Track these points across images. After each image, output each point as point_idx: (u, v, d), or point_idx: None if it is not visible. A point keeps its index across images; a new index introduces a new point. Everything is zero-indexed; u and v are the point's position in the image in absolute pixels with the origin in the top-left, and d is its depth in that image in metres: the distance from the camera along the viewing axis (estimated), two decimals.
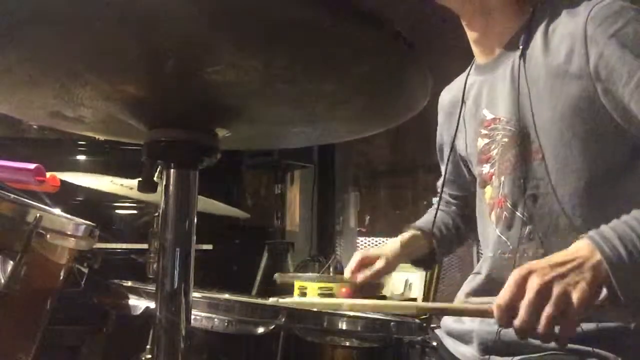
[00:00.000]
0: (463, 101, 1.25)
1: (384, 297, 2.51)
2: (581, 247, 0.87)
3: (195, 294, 0.97)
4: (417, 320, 1.05)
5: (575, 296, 0.82)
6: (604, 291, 0.86)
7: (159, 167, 0.70)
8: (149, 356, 0.93)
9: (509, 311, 0.84)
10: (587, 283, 0.83)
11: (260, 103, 0.66)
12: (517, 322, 0.83)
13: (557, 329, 0.84)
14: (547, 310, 0.81)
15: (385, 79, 0.61)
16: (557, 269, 0.84)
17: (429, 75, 0.63)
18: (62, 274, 1.20)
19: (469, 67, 1.28)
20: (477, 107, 1.21)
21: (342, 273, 2.87)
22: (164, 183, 0.67)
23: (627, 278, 0.84)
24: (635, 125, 0.97)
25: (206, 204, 1.49)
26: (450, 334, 1.19)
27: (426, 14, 1.22)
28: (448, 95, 1.36)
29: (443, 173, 1.38)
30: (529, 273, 0.84)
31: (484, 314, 0.90)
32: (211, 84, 0.58)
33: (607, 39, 0.96)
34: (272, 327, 0.89)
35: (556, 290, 0.82)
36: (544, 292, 0.82)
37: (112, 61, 0.56)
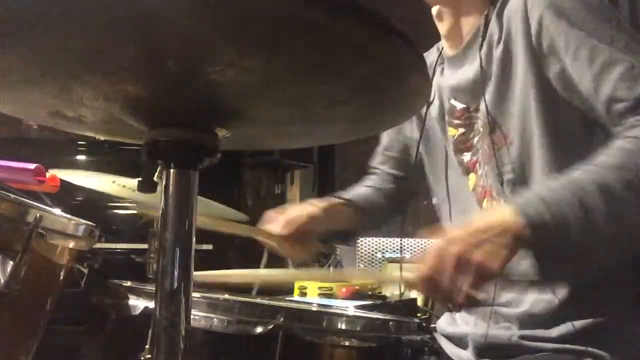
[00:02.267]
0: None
1: (384, 297, 2.51)
2: (505, 212, 0.87)
3: (195, 294, 0.97)
4: (416, 320, 1.06)
5: (493, 265, 0.83)
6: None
7: (159, 167, 0.70)
8: (149, 356, 0.93)
9: (431, 282, 0.85)
10: (508, 249, 0.84)
11: (260, 103, 0.66)
12: (439, 293, 0.85)
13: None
14: (466, 283, 0.83)
15: (385, 79, 0.61)
16: (478, 236, 0.85)
17: (428, 76, 0.63)
18: (62, 274, 1.20)
19: (437, 55, 1.25)
20: (445, 98, 1.21)
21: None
22: (164, 183, 0.67)
23: (548, 241, 0.86)
24: (577, 96, 0.97)
25: (203, 208, 1.49)
26: (445, 336, 1.19)
27: (426, 13, 1.21)
28: None
29: (382, 146, 1.41)
30: (449, 244, 0.85)
31: (408, 283, 0.93)
32: (211, 84, 0.59)
33: (544, 9, 0.97)
34: (271, 326, 0.89)
35: (475, 259, 0.83)
36: (462, 263, 0.83)
37: (112, 61, 0.56)
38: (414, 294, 2.69)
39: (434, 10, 1.19)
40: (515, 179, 1.06)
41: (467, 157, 1.18)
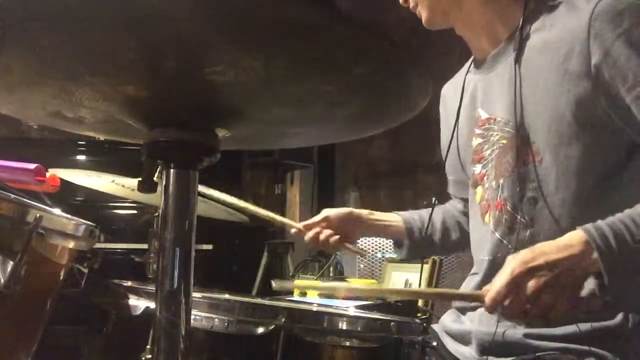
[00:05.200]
0: (461, 99, 1.24)
1: (384, 298, 2.51)
2: (576, 242, 0.91)
3: (195, 294, 0.97)
4: (417, 320, 1.05)
5: (559, 305, 0.90)
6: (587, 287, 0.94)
7: (159, 167, 0.70)
8: (149, 356, 0.93)
9: (501, 304, 0.91)
10: (576, 287, 0.91)
11: (260, 103, 0.66)
12: (502, 312, 0.93)
13: None
14: (531, 312, 0.91)
15: (385, 79, 0.61)
16: (553, 268, 0.89)
17: (429, 76, 0.63)
18: (62, 274, 1.20)
19: (469, 63, 1.27)
20: (473, 106, 1.20)
21: (342, 273, 2.88)
22: (164, 183, 0.67)
23: (618, 273, 0.89)
24: (634, 129, 0.97)
25: (205, 207, 1.49)
26: (449, 333, 1.19)
27: None
28: (449, 91, 1.35)
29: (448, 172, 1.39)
30: (527, 273, 0.90)
31: (477, 299, 0.98)
32: (211, 84, 0.58)
33: (614, 38, 0.94)
34: (272, 327, 0.89)
35: (545, 297, 0.89)
36: (535, 295, 0.90)
37: (112, 61, 0.56)
38: None
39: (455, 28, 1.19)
40: (541, 197, 1.05)
41: (477, 168, 1.18)
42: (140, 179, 0.70)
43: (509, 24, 1.11)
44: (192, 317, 0.74)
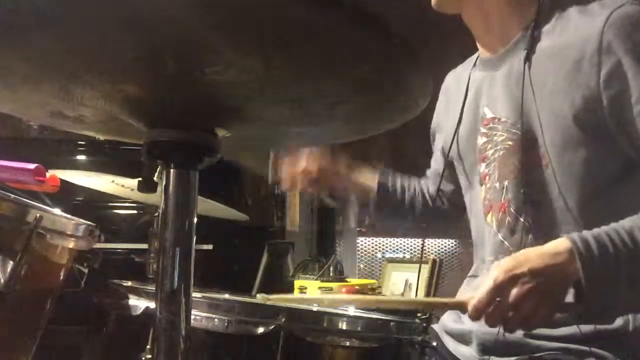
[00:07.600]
0: (466, 94, 1.23)
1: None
2: (562, 250, 0.91)
3: (195, 294, 0.97)
4: (417, 320, 1.05)
5: (541, 313, 0.90)
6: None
7: (159, 167, 0.70)
8: (149, 356, 0.93)
9: (485, 312, 0.91)
10: (558, 295, 0.92)
11: (260, 103, 0.66)
12: (485, 321, 0.92)
13: None
14: (513, 320, 0.91)
15: (385, 79, 0.61)
16: (537, 278, 0.89)
17: (429, 77, 0.63)
18: (62, 274, 1.20)
19: (475, 57, 1.26)
20: (477, 104, 1.19)
21: (342, 273, 2.88)
22: (164, 183, 0.67)
23: (596, 283, 0.90)
24: (633, 144, 0.97)
25: (205, 206, 1.49)
26: (450, 333, 1.19)
27: (426, 13, 1.21)
28: (452, 80, 1.34)
29: (434, 157, 1.42)
30: (510, 281, 0.90)
31: (460, 306, 0.97)
32: (211, 84, 0.58)
33: (626, 50, 0.94)
34: (272, 327, 0.89)
35: (528, 305, 0.89)
36: (517, 302, 0.90)
37: (112, 61, 0.56)
38: (414, 294, 2.68)
39: (464, 19, 1.17)
40: (545, 201, 1.05)
41: (482, 167, 1.18)
42: (140, 179, 0.70)
43: (521, 22, 1.11)
44: (192, 317, 0.73)
